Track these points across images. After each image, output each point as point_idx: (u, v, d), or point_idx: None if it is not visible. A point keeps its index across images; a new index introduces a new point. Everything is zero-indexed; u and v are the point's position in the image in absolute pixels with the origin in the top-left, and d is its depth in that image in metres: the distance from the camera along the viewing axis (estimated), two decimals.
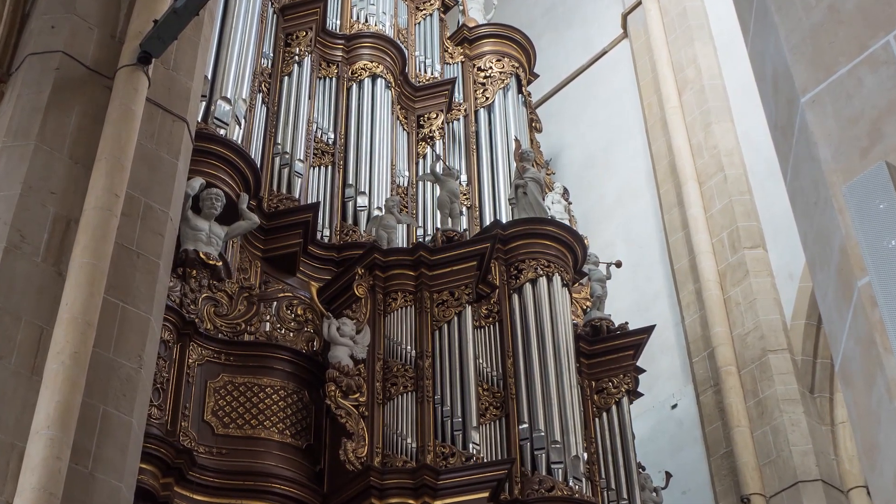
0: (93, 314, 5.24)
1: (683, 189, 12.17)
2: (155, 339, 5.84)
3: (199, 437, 7.34)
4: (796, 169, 2.56)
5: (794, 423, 10.25)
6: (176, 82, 6.65)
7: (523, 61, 12.66)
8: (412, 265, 8.59)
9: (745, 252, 11.35)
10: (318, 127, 10.35)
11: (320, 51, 10.88)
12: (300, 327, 8.25)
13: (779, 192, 10.14)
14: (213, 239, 8.10)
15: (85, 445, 5.09)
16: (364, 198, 9.97)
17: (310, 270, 9.24)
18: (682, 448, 11.10)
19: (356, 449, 7.50)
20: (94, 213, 5.57)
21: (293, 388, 7.88)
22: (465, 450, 7.75)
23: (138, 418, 5.50)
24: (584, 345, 9.37)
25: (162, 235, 6.04)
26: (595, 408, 9.18)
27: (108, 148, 5.82)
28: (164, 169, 6.28)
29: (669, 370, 11.60)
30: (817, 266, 2.51)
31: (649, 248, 12.60)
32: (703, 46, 13.04)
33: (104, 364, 5.37)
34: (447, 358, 8.19)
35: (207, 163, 8.33)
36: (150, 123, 6.30)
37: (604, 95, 14.30)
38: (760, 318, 10.90)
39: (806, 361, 10.74)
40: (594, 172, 13.81)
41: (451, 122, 11.77)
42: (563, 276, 9.14)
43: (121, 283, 5.67)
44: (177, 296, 7.61)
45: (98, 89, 6.18)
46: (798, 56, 2.50)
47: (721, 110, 12.49)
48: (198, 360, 7.60)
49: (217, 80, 8.90)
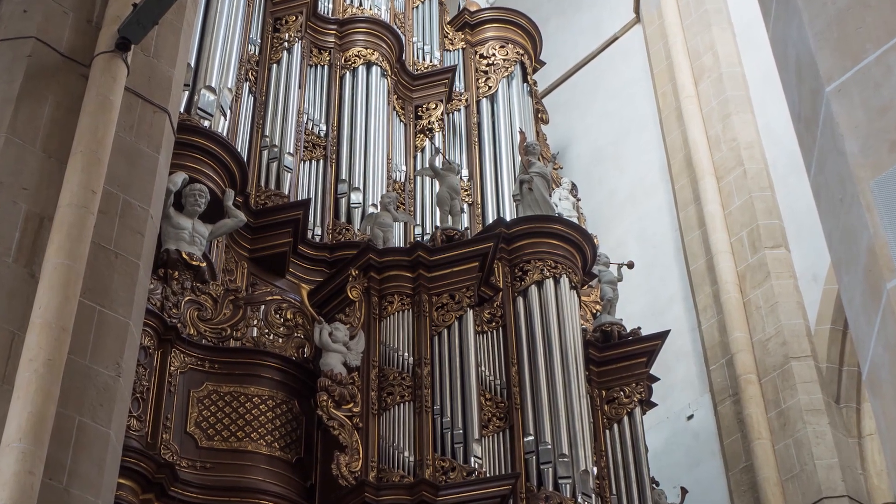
0: (68, 319, 5.24)
1: (700, 184, 12.18)
2: (134, 345, 5.84)
3: (182, 451, 7.35)
4: (821, 163, 2.56)
5: (819, 436, 10.25)
6: (157, 70, 6.65)
7: (528, 48, 12.67)
8: (410, 266, 8.60)
9: (766, 252, 11.35)
10: (309, 118, 10.35)
11: (311, 37, 10.88)
12: (290, 333, 8.26)
13: (802, 188, 10.16)
14: (196, 238, 8.10)
15: (59, 459, 5.09)
16: (358, 194, 9.97)
17: (300, 272, 9.24)
18: (699, 462, 11.10)
19: (350, 463, 7.50)
20: (68, 210, 5.56)
21: (282, 398, 7.89)
22: (467, 464, 7.76)
23: (116, 430, 5.49)
24: (593, 351, 9.38)
25: (142, 234, 6.04)
26: (605, 419, 9.19)
27: (83, 141, 5.82)
28: (143, 163, 6.28)
29: (685, 379, 11.60)
30: (843, 267, 2.51)
31: (663, 247, 12.61)
32: (721, 32, 13.05)
33: (80, 372, 5.37)
34: (447, 365, 8.19)
35: (190, 157, 8.33)
36: (128, 114, 6.29)
37: (615, 84, 14.30)
38: (782, 322, 10.90)
39: (831, 369, 10.74)
40: (604, 167, 13.81)
41: (452, 113, 11.78)
42: (572, 277, 9.15)
43: (98, 285, 5.67)
44: (158, 299, 7.61)
45: (73, 78, 6.18)
46: (823, 42, 2.49)
47: (740, 100, 12.49)
48: (180, 368, 7.60)
49: (201, 68, 8.90)
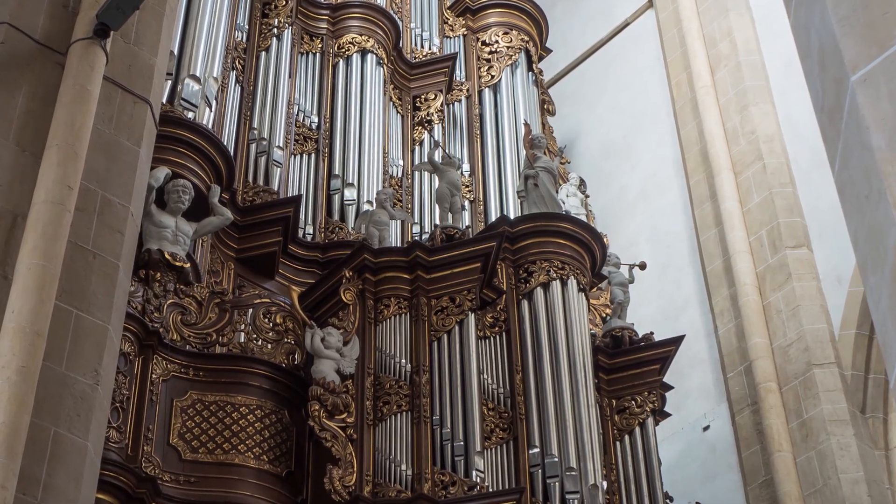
0: (42, 323, 5.24)
1: (716, 180, 12.18)
2: (114, 351, 5.84)
3: (164, 464, 7.35)
4: (845, 157, 2.56)
5: (843, 448, 10.25)
6: (137, 58, 6.65)
7: (534, 34, 12.67)
8: (407, 267, 8.60)
9: (788, 252, 11.36)
10: (300, 109, 10.35)
11: (302, 22, 10.88)
12: (279, 338, 8.26)
13: (825, 184, 10.17)
14: (179, 237, 8.10)
15: (34, 473, 5.09)
16: (352, 190, 9.97)
17: (290, 273, 9.25)
18: (716, 476, 11.10)
19: (343, 477, 7.50)
20: (44, 207, 5.56)
21: (271, 408, 7.89)
22: (468, 478, 7.76)
23: (94, 442, 5.49)
24: (603, 358, 9.37)
25: (122, 233, 6.04)
26: (616, 430, 9.18)
27: (59, 133, 5.82)
28: (123, 157, 6.28)
29: (700, 387, 11.60)
30: (869, 268, 2.50)
31: (677, 247, 12.61)
32: (739, 17, 13.04)
33: (55, 380, 5.37)
34: (447, 373, 8.19)
35: (173, 150, 8.34)
36: (107, 105, 6.30)
37: (626, 74, 14.30)
38: (805, 327, 10.90)
39: (856, 377, 10.74)
40: (615, 161, 13.81)
41: (452, 104, 11.78)
42: (580, 279, 9.15)
43: (74, 287, 5.67)
44: (138, 302, 7.61)
45: (48, 66, 6.17)
46: (847, 29, 2.49)
47: (760, 90, 12.49)
48: (162, 376, 7.60)
49: (184, 56, 8.90)
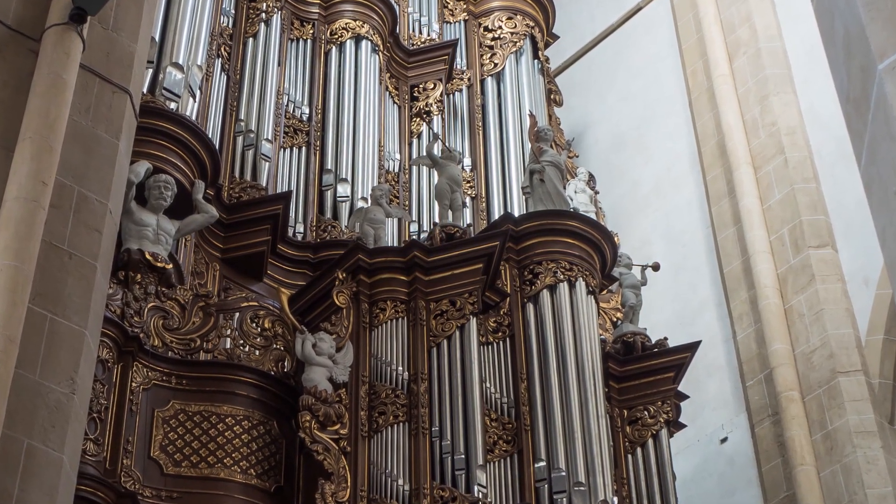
0: (15, 328, 5.23)
1: (735, 175, 12.18)
2: (91, 358, 5.84)
3: (145, 478, 7.34)
4: (872, 150, 2.56)
5: (870, 461, 10.25)
6: (116, 45, 6.65)
7: (540, 20, 12.67)
8: (404, 268, 8.59)
9: (811, 252, 11.35)
10: (290, 100, 10.35)
11: (292, 6, 10.88)
12: (268, 344, 8.25)
13: (851, 179, 10.15)
14: (161, 236, 8.10)
15: (6, 487, 5.09)
16: (346, 186, 9.97)
17: (280, 275, 9.24)
18: (734, 491, 11.11)
19: (336, 492, 7.50)
20: (16, 204, 5.56)
21: (259, 419, 7.89)
22: (470, 493, 7.76)
23: (70, 455, 5.49)
24: (613, 365, 9.37)
25: (99, 232, 6.04)
26: (627, 442, 9.19)
27: (33, 125, 5.82)
28: (101, 151, 6.28)
29: (718, 396, 11.60)
30: None
31: (693, 247, 12.60)
32: (759, 1, 13.04)
33: (29, 389, 5.36)
34: (447, 381, 8.19)
35: (155, 143, 8.34)
36: (84, 95, 6.29)
37: (638, 61, 14.30)
38: (829, 332, 10.90)
39: (884, 385, 10.74)
40: (626, 155, 13.81)
41: (452, 94, 11.77)
42: (589, 281, 9.15)
43: (49, 290, 5.66)
44: (117, 305, 7.61)
45: (21, 53, 6.17)
46: (874, 14, 2.49)
47: (781, 79, 12.49)
48: (143, 384, 7.60)
49: (166, 43, 8.90)
